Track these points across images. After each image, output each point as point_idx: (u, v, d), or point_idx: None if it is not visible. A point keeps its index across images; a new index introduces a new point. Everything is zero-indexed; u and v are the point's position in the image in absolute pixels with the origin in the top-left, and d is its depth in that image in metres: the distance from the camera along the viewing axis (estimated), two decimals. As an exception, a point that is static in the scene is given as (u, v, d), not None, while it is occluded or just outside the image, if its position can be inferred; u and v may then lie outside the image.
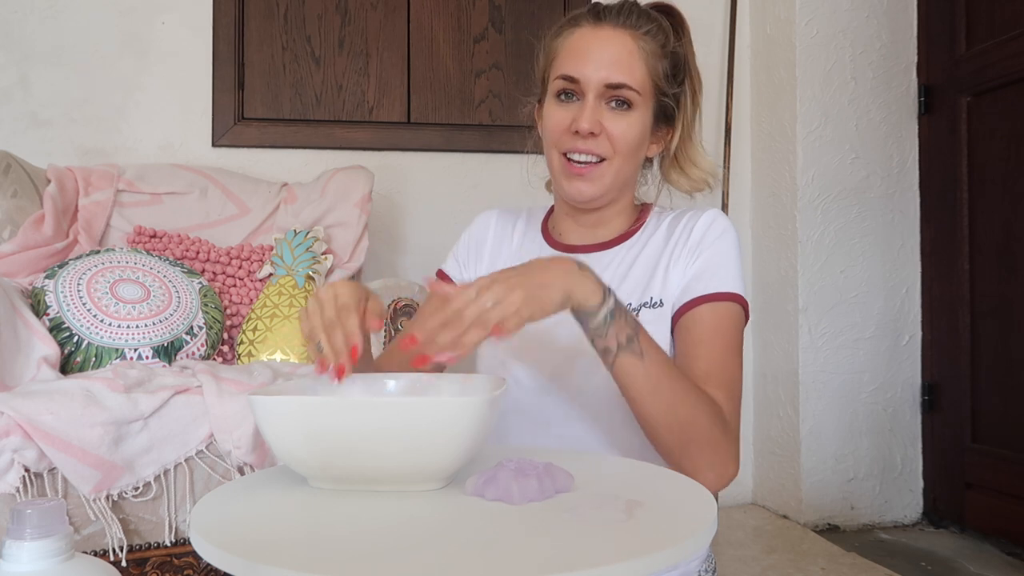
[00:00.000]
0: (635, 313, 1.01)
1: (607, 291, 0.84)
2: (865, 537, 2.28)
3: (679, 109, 1.06)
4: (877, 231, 2.40)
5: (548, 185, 1.16)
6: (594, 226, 1.08)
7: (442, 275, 1.17)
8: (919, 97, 2.41)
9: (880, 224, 2.41)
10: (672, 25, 1.05)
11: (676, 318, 0.99)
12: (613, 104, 1.00)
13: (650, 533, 0.59)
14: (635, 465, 0.82)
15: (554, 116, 1.02)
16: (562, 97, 1.02)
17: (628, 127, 1.00)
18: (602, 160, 1.00)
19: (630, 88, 0.99)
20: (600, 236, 1.09)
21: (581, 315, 0.83)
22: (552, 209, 1.17)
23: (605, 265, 1.05)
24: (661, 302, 1.00)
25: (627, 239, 1.08)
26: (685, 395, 0.87)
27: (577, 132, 0.99)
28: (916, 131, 2.43)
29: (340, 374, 0.78)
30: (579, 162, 1.01)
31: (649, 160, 1.11)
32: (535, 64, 1.10)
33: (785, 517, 2.40)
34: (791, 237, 2.40)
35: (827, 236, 2.38)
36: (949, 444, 2.32)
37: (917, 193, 2.43)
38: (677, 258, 1.02)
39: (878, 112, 2.40)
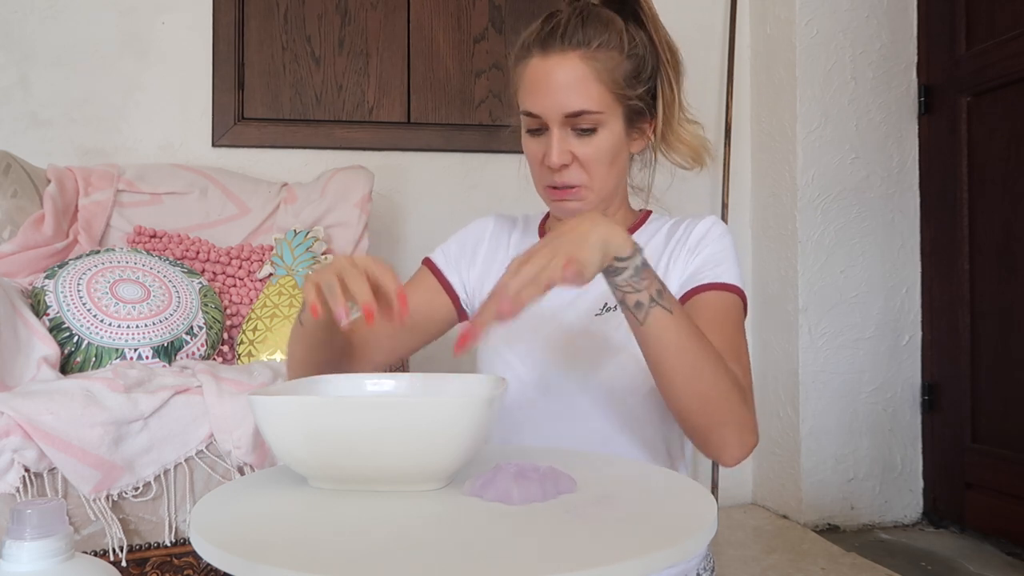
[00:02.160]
0: None
1: (634, 242, 0.81)
2: (865, 537, 2.28)
3: (656, 99, 1.03)
4: (877, 231, 2.40)
5: None
6: None
7: (429, 263, 1.17)
8: (919, 97, 2.41)
9: (880, 224, 2.41)
10: (629, 13, 1.01)
11: (681, 302, 0.98)
12: (579, 128, 0.98)
13: (650, 533, 0.59)
14: (635, 465, 0.82)
15: (528, 150, 1.04)
16: (531, 132, 1.02)
17: (596, 149, 0.99)
18: (579, 187, 1.01)
19: (590, 112, 0.97)
20: None
21: (616, 265, 0.79)
22: (548, 214, 1.17)
23: None
24: None
25: None
26: (708, 355, 0.85)
27: (549, 166, 0.99)
28: (916, 131, 2.43)
29: (370, 317, 0.75)
30: (560, 188, 1.01)
31: (635, 153, 1.09)
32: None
33: (785, 517, 2.40)
34: (791, 237, 2.40)
35: (827, 236, 2.38)
36: (949, 444, 2.32)
37: (917, 193, 2.43)
38: (676, 259, 1.02)
39: (878, 112, 2.41)
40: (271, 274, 1.89)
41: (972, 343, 2.24)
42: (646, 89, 1.01)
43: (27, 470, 1.27)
